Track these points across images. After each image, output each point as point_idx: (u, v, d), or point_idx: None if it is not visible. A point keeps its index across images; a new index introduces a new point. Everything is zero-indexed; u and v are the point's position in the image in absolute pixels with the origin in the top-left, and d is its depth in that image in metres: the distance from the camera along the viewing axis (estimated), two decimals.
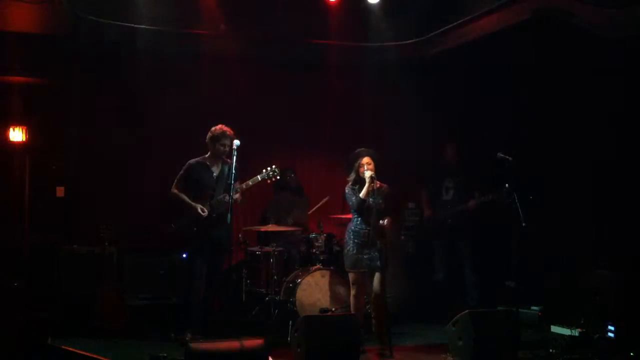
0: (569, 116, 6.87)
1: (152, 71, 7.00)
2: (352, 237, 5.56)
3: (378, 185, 5.49)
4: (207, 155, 5.87)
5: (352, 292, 5.59)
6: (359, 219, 5.56)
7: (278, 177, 5.83)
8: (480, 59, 7.16)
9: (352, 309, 5.58)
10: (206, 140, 5.80)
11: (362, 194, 5.44)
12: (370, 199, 5.42)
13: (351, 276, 5.60)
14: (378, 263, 5.43)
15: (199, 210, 5.63)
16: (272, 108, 7.62)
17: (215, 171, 5.84)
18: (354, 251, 5.51)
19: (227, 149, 5.74)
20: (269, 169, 5.76)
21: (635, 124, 6.08)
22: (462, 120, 7.75)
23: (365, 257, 5.47)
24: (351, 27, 7.15)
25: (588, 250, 6.39)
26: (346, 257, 5.60)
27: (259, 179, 5.73)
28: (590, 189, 6.58)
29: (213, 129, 5.77)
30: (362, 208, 5.49)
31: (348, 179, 5.65)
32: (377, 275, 5.48)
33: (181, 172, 5.84)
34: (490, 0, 6.17)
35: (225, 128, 5.75)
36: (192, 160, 5.85)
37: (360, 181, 5.54)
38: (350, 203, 5.57)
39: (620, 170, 6.24)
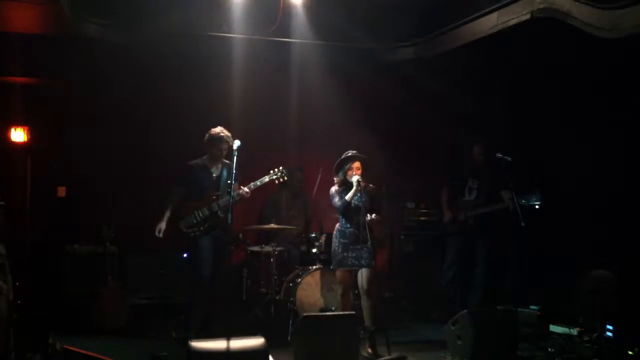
0: (568, 116, 6.89)
1: (151, 71, 7.02)
2: (338, 236, 5.67)
3: (363, 185, 5.57)
4: (205, 157, 5.86)
5: (339, 290, 5.69)
6: (345, 219, 5.66)
7: (285, 179, 5.86)
8: (480, 59, 7.17)
9: (340, 307, 5.68)
10: (204, 141, 5.80)
11: (347, 197, 5.55)
12: (355, 201, 5.55)
13: (337, 275, 5.69)
14: (364, 261, 5.51)
15: (157, 228, 5.67)
16: (272, 108, 7.64)
17: (215, 172, 5.83)
18: (340, 250, 5.60)
19: (224, 152, 5.75)
20: (276, 170, 5.79)
21: (635, 124, 6.10)
22: (463, 120, 7.77)
23: (351, 255, 5.56)
24: (352, 28, 7.17)
25: (588, 250, 6.40)
26: (333, 256, 5.71)
27: (267, 179, 5.76)
28: (590, 188, 6.59)
29: (211, 131, 5.76)
30: (347, 210, 5.60)
31: (335, 179, 5.72)
32: (364, 271, 5.54)
33: (182, 173, 5.85)
34: (490, 1, 6.20)
35: (223, 132, 5.72)
36: (191, 162, 5.85)
37: (346, 183, 5.64)
38: (335, 205, 5.66)
39: (620, 170, 6.26)
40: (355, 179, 5.53)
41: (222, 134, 5.71)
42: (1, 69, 6.83)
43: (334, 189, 5.74)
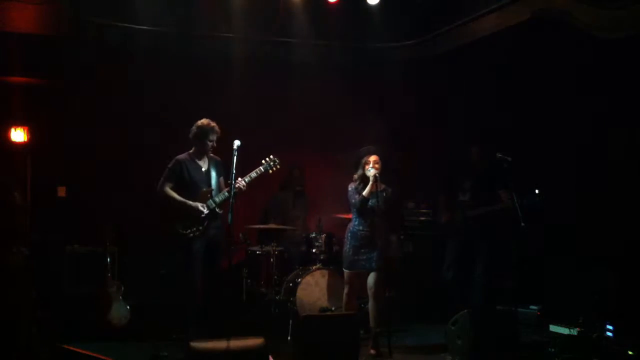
0: (569, 116, 6.88)
1: (151, 71, 7.02)
2: (349, 238, 5.58)
3: (382, 188, 5.46)
4: (191, 152, 5.66)
5: (345, 290, 5.63)
6: (358, 219, 5.55)
7: (278, 167, 5.63)
8: (479, 59, 7.17)
9: (343, 307, 5.63)
10: (190, 136, 5.59)
11: (364, 193, 5.41)
12: (371, 202, 5.43)
13: (345, 275, 5.63)
14: (375, 263, 5.45)
15: (200, 208, 5.46)
16: (272, 108, 7.64)
17: (204, 166, 5.66)
18: (350, 252, 5.53)
19: (214, 145, 5.60)
20: (268, 159, 5.59)
21: (635, 123, 6.10)
22: (462, 120, 7.77)
23: (362, 258, 5.49)
24: (352, 28, 7.18)
25: (588, 250, 6.40)
26: (344, 257, 5.64)
27: (262, 170, 5.56)
28: (591, 188, 6.59)
29: (199, 123, 5.55)
30: (364, 207, 5.47)
31: (354, 176, 5.60)
32: (373, 274, 5.49)
33: (169, 169, 5.58)
34: (489, 1, 6.20)
35: (212, 123, 5.55)
36: (180, 156, 5.62)
37: (364, 179, 5.51)
38: (353, 201, 5.53)
39: (620, 170, 6.26)
40: (372, 172, 5.36)
41: (211, 125, 5.55)
42: (1, 69, 6.84)
43: (352, 186, 5.58)
